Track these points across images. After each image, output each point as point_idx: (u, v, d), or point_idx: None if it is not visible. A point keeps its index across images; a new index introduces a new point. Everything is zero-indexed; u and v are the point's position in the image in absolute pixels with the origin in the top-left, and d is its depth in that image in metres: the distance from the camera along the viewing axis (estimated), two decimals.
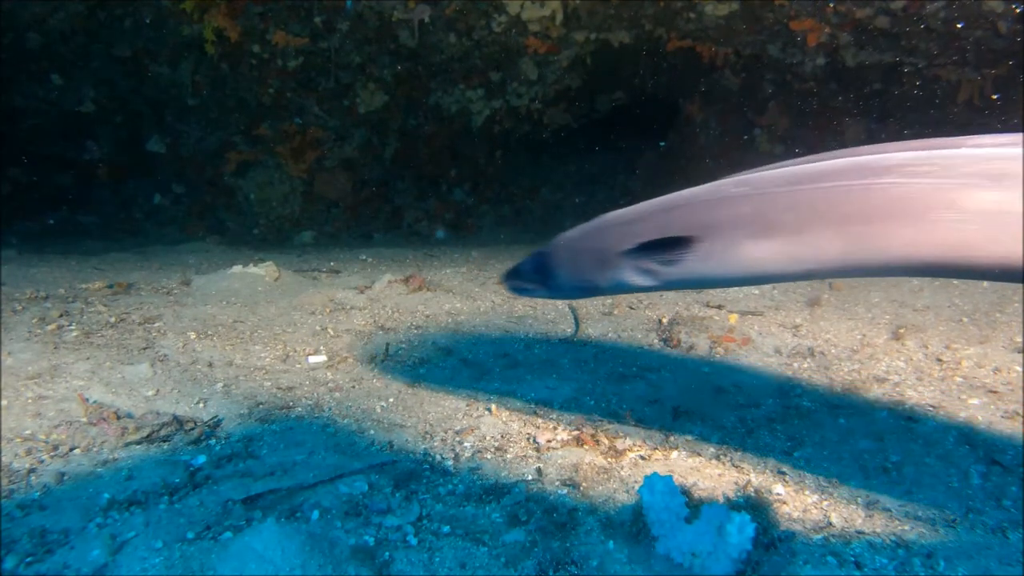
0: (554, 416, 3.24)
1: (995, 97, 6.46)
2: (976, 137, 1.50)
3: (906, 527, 2.36)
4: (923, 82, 6.90)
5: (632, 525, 2.30)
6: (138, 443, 2.80)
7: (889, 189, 1.43)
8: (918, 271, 1.48)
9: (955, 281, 5.08)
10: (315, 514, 2.32)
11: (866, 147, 1.61)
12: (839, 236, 1.49)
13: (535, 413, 3.27)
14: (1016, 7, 5.40)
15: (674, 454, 2.89)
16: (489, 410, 3.30)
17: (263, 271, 5.22)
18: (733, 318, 4.46)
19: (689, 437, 3.04)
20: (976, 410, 3.18)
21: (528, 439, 3.00)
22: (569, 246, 1.91)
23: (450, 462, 2.79)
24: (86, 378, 3.28)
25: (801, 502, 2.53)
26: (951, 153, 1.45)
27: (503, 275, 2.15)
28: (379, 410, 3.28)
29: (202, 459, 2.72)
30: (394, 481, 2.59)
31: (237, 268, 5.21)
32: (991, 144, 1.45)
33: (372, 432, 3.04)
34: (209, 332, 4.10)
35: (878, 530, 2.34)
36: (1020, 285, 4.77)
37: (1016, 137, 1.44)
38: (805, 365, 3.82)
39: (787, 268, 1.59)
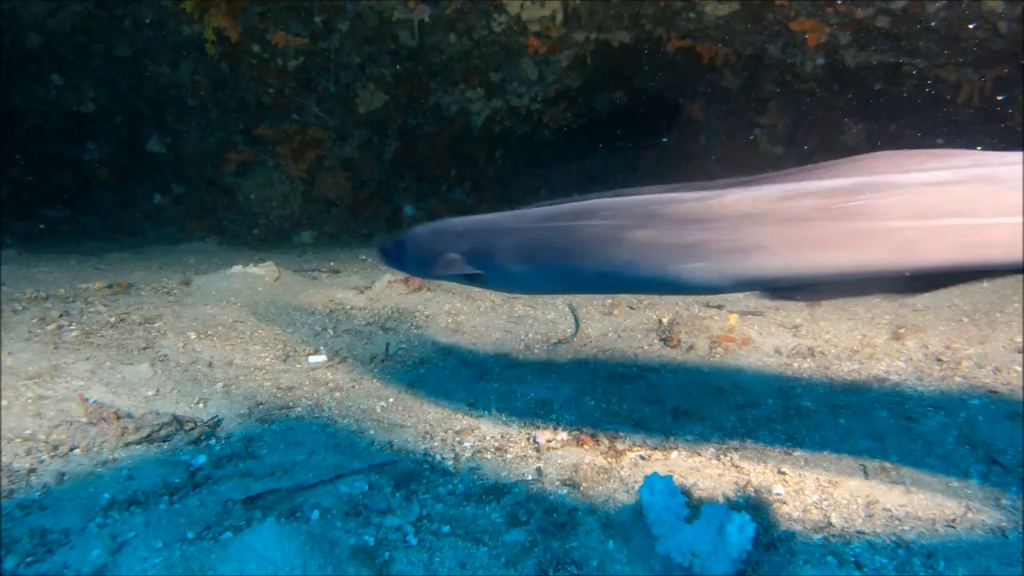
0: (554, 416, 3.24)
1: (999, 98, 6.46)
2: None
3: (906, 527, 2.36)
4: (923, 82, 6.90)
5: (632, 525, 2.30)
6: (138, 443, 2.80)
7: (586, 229, 1.83)
8: (609, 291, 2.04)
9: None
10: (315, 514, 2.33)
11: (614, 194, 1.95)
12: (560, 264, 1.92)
13: (535, 413, 3.27)
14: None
15: (674, 454, 2.89)
16: (489, 410, 3.30)
17: (263, 271, 5.22)
18: (733, 318, 4.46)
19: (689, 437, 3.04)
20: (976, 410, 3.18)
21: (528, 439, 3.00)
22: (415, 239, 2.30)
23: (450, 462, 2.79)
24: (86, 378, 3.28)
25: (801, 502, 2.53)
26: (630, 200, 1.82)
27: (376, 247, 2.54)
28: (379, 410, 3.28)
29: (202, 459, 2.72)
30: (394, 481, 2.59)
31: (237, 268, 5.21)
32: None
33: (372, 432, 3.04)
34: (209, 332, 4.10)
35: (878, 530, 2.34)
36: (1020, 285, 4.77)
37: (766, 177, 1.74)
38: (805, 365, 3.82)
39: (549, 285, 2.06)
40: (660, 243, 1.72)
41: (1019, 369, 3.58)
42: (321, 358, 3.87)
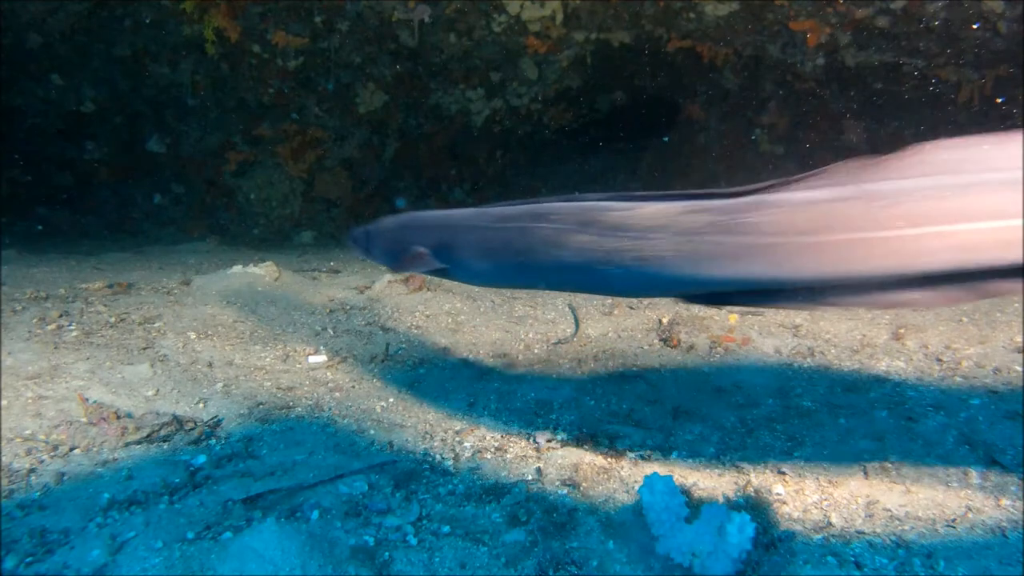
0: (554, 416, 3.24)
1: (999, 101, 6.45)
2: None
3: (906, 527, 2.36)
4: (923, 82, 6.90)
5: (632, 525, 2.30)
6: (138, 443, 2.80)
7: (537, 231, 1.95)
8: (558, 288, 2.08)
9: None
10: (315, 514, 2.33)
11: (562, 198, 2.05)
12: (516, 261, 2.04)
13: (535, 413, 3.27)
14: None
15: (674, 454, 2.89)
16: (489, 410, 3.30)
17: (263, 271, 5.22)
18: (733, 318, 4.46)
19: (689, 437, 3.04)
20: (976, 410, 3.18)
21: (528, 439, 3.00)
22: (383, 230, 2.39)
23: (450, 462, 2.79)
24: (86, 378, 3.28)
25: (801, 502, 2.53)
26: (575, 206, 1.93)
27: (348, 235, 2.62)
28: (379, 410, 3.28)
29: (202, 459, 2.72)
30: (394, 481, 2.59)
31: (237, 268, 5.22)
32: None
33: (372, 432, 3.04)
34: (209, 332, 4.10)
35: (878, 530, 2.34)
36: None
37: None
38: (805, 365, 3.82)
39: (504, 280, 2.17)
40: (593, 247, 1.84)
41: (1019, 369, 3.58)
42: (321, 358, 3.87)
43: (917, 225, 1.55)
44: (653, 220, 1.77)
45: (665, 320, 4.47)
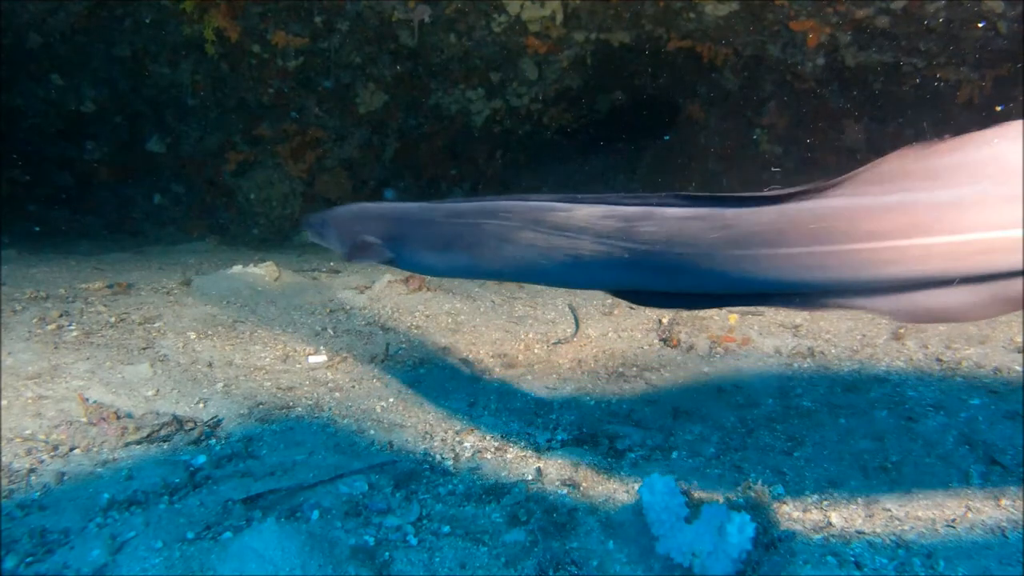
0: (554, 416, 3.24)
1: (999, 109, 6.45)
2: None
3: (906, 527, 2.36)
4: (923, 82, 6.90)
5: (632, 525, 2.30)
6: (138, 443, 2.80)
7: (486, 227, 2.07)
8: (503, 280, 2.24)
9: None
10: (315, 514, 2.33)
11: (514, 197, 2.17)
12: (465, 254, 2.14)
13: (535, 413, 3.27)
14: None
15: (674, 454, 2.89)
16: (489, 410, 3.30)
17: (263, 271, 5.22)
18: (733, 318, 4.46)
19: (689, 437, 3.04)
20: (976, 410, 3.18)
21: (528, 439, 3.00)
22: (339, 218, 2.47)
23: (450, 462, 2.79)
24: (86, 378, 3.28)
25: (801, 502, 2.53)
26: (521, 205, 2.05)
27: (303, 220, 2.70)
28: (379, 410, 3.28)
29: (202, 459, 2.72)
30: (394, 481, 2.59)
31: (237, 268, 5.21)
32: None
33: (372, 432, 3.04)
34: (209, 332, 4.10)
35: (878, 530, 2.34)
36: None
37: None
38: (805, 365, 3.82)
39: (452, 271, 2.26)
40: (538, 244, 2.00)
41: (1019, 369, 3.58)
42: (321, 358, 3.87)
43: (774, 245, 1.68)
44: (583, 222, 1.93)
45: (665, 320, 4.47)
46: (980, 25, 5.61)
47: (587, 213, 1.91)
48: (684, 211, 1.80)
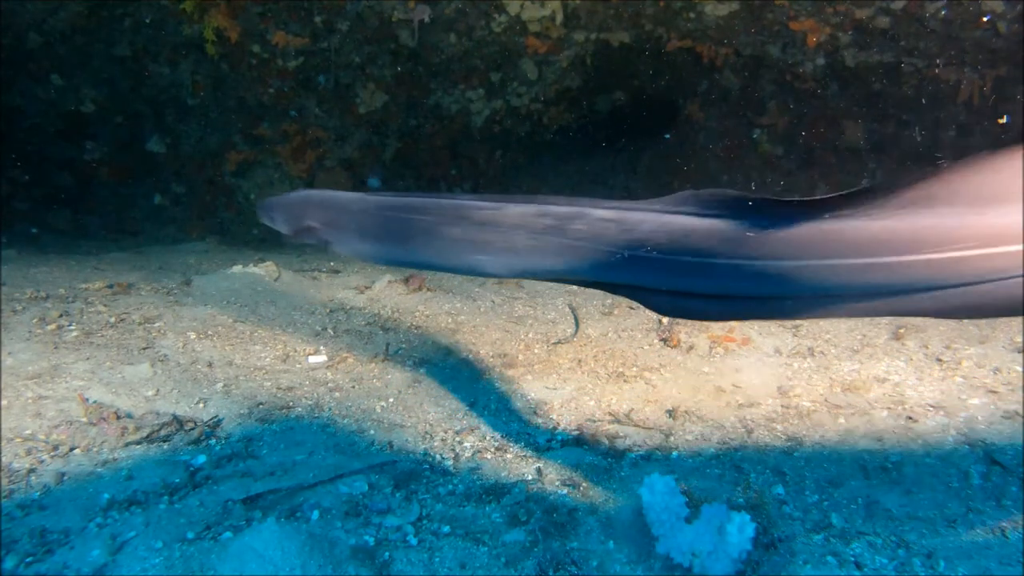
0: (554, 416, 3.24)
1: (1003, 121, 6.45)
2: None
3: (906, 527, 2.36)
4: (923, 82, 6.89)
5: (632, 525, 2.30)
6: (138, 443, 2.80)
7: (415, 221, 2.22)
8: (430, 270, 2.51)
9: None
10: (315, 514, 2.33)
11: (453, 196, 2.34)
12: (393, 245, 2.29)
13: (535, 413, 3.27)
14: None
15: (674, 454, 2.89)
16: (489, 410, 3.30)
17: (263, 271, 5.22)
18: None
19: (689, 437, 3.04)
20: (976, 410, 3.18)
21: (528, 439, 3.00)
22: (287, 203, 2.63)
23: (450, 462, 2.79)
24: (86, 378, 3.28)
25: (801, 502, 2.53)
26: (448, 203, 2.23)
27: (258, 203, 2.86)
28: (379, 410, 3.28)
29: (202, 459, 2.72)
30: (394, 481, 2.59)
31: (237, 268, 5.21)
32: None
33: (372, 432, 3.04)
34: (209, 332, 4.10)
35: (878, 530, 2.34)
36: None
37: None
38: (805, 365, 3.82)
39: (382, 259, 2.38)
40: (464, 238, 2.16)
41: (1019, 369, 3.58)
42: (321, 358, 3.87)
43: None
44: (517, 219, 2.10)
45: (665, 320, 4.47)
46: (985, 19, 5.57)
47: (521, 211, 2.11)
48: (609, 213, 2.01)
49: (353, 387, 3.54)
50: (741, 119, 8.27)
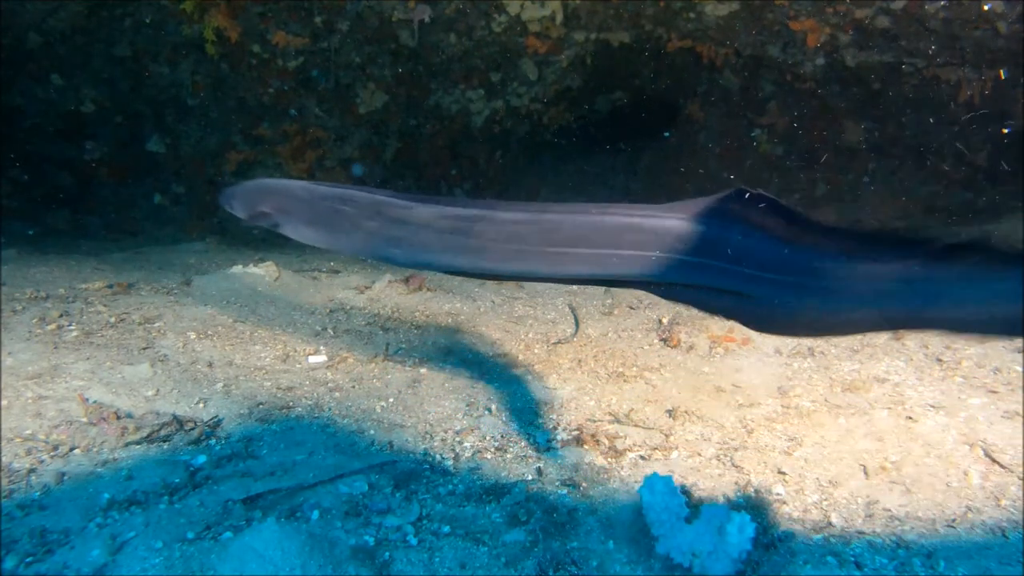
0: (554, 416, 3.24)
1: (1006, 131, 6.47)
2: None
3: (906, 527, 2.36)
4: (923, 82, 6.90)
5: (632, 525, 2.30)
6: (138, 443, 2.80)
7: (343, 212, 2.40)
8: (360, 256, 2.61)
9: None
10: (315, 514, 2.33)
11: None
12: (328, 232, 2.47)
13: (535, 413, 3.27)
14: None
15: (674, 454, 2.89)
16: (489, 410, 3.30)
17: (263, 271, 5.22)
18: None
19: (689, 437, 3.04)
20: (976, 410, 3.18)
21: (528, 439, 3.01)
22: (244, 190, 2.78)
23: (450, 462, 2.79)
24: (86, 378, 3.28)
25: (801, 502, 2.53)
26: (369, 197, 2.38)
27: (219, 190, 3.01)
28: (379, 410, 3.28)
29: (202, 459, 2.72)
30: (394, 481, 2.59)
31: (237, 268, 5.21)
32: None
33: (372, 432, 3.04)
34: (209, 332, 4.10)
35: (878, 530, 2.34)
36: None
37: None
38: (805, 365, 3.82)
39: (322, 244, 2.55)
40: (380, 231, 2.34)
41: (1019, 369, 3.58)
42: (321, 358, 3.87)
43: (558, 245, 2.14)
44: (424, 218, 2.29)
45: (665, 320, 4.47)
46: (986, 7, 5.51)
47: (430, 211, 2.30)
48: (512, 215, 2.22)
49: (353, 387, 3.54)
50: (741, 119, 8.28)
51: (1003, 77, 6.18)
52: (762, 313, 2.03)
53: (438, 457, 2.82)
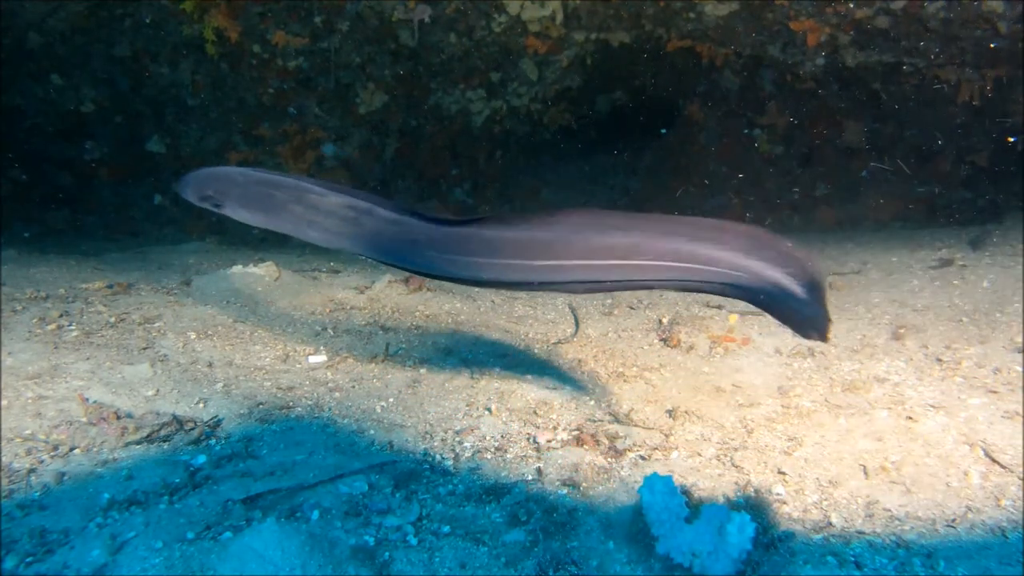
0: (554, 416, 3.24)
1: (1011, 140, 6.48)
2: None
3: (906, 527, 2.36)
4: (923, 82, 6.90)
5: (632, 525, 2.30)
6: (138, 443, 2.80)
7: (273, 196, 2.63)
8: (291, 235, 2.73)
9: (955, 281, 5.08)
10: (315, 514, 2.33)
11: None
12: (264, 214, 2.66)
13: (535, 413, 3.27)
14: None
15: (674, 454, 2.89)
16: (489, 410, 3.30)
17: (263, 271, 5.21)
18: (733, 318, 4.46)
19: (689, 437, 3.04)
20: (976, 410, 3.18)
21: (528, 439, 3.01)
22: (197, 175, 2.91)
23: (450, 462, 2.79)
24: (86, 378, 3.28)
25: (801, 502, 2.53)
26: (294, 183, 2.62)
27: (177, 178, 3.13)
28: (379, 410, 3.28)
29: (202, 459, 2.72)
30: (394, 481, 2.59)
31: (237, 268, 5.21)
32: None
33: (372, 432, 3.04)
34: (209, 332, 4.10)
35: (878, 530, 2.34)
36: (1019, 285, 4.77)
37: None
38: (805, 365, 3.82)
39: (258, 225, 2.73)
40: (302, 216, 2.61)
41: (1019, 369, 3.58)
42: (321, 358, 3.87)
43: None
44: (332, 206, 2.56)
45: (665, 320, 4.47)
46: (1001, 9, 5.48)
47: (336, 200, 2.57)
48: (392, 215, 2.53)
49: (353, 387, 3.54)
50: (741, 119, 8.28)
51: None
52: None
53: (438, 457, 2.82)
